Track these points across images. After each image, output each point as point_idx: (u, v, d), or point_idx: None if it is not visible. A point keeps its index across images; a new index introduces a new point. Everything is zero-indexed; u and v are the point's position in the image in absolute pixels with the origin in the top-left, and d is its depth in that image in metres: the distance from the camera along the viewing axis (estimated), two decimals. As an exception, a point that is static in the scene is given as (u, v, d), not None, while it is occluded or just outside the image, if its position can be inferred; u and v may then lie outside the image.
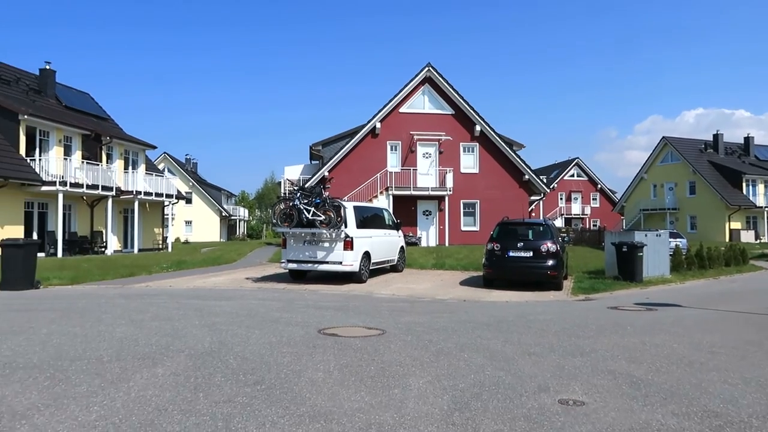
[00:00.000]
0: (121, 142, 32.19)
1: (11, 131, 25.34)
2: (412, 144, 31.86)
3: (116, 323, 7.50)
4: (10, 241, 12.24)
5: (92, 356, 5.58)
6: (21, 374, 4.91)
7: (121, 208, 31.48)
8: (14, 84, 29.98)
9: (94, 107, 36.16)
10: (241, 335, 6.72)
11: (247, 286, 13.35)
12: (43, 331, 6.88)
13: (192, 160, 70.30)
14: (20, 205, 25.05)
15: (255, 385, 4.66)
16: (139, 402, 4.18)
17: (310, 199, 13.66)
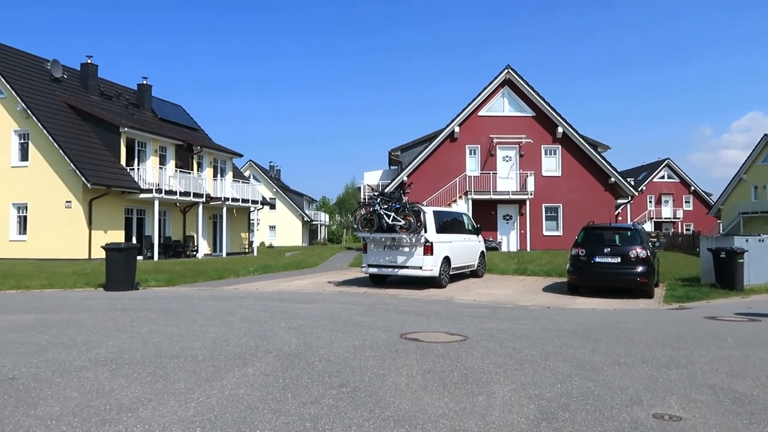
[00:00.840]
0: (211, 151, 33.82)
1: (113, 143, 27.25)
2: (492, 147, 31.42)
3: (209, 324, 7.89)
4: (113, 245, 13.15)
5: (188, 355, 5.90)
6: (126, 370, 5.26)
7: (210, 213, 33.07)
8: (116, 99, 32.23)
9: (186, 119, 38.23)
10: (326, 338, 6.88)
11: (330, 289, 13.64)
12: (144, 330, 7.35)
13: (275, 167, 72.72)
14: (121, 211, 26.88)
15: (340, 387, 4.76)
16: (232, 400, 4.38)
17: (390, 204, 13.79)
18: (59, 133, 25.11)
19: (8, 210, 26.00)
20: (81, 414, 4.03)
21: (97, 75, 31.72)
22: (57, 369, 5.27)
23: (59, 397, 4.42)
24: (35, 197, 25.51)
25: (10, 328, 7.50)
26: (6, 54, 27.56)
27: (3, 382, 4.82)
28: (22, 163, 26.09)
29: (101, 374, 5.10)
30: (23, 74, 27.06)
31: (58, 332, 7.17)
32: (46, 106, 26.21)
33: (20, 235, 25.90)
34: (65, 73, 30.05)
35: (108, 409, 4.14)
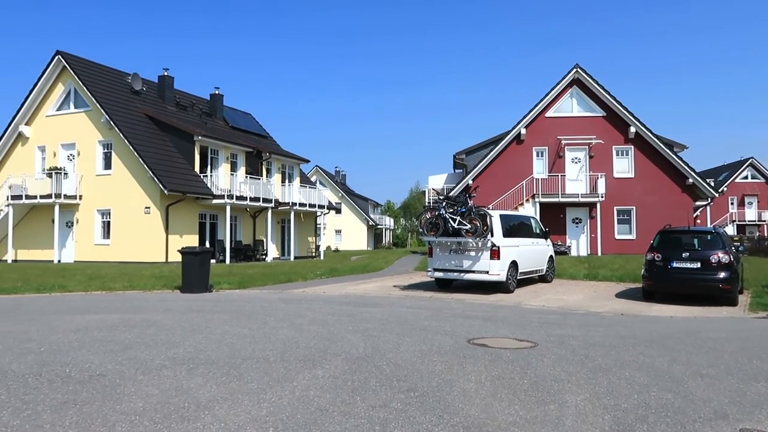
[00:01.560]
0: (279, 157, 34.71)
1: (188, 151, 28.46)
2: (560, 149, 30.64)
3: (279, 326, 8.09)
4: (189, 249, 13.71)
5: (260, 356, 6.06)
6: (202, 369, 5.47)
7: (279, 218, 33.92)
8: (190, 109, 33.67)
9: (255, 126, 39.42)
10: (393, 342, 6.91)
11: (395, 293, 13.69)
12: (218, 331, 7.62)
13: (341, 172, 73.78)
14: (195, 216, 28.01)
15: (408, 391, 4.76)
16: (303, 401, 4.47)
17: (455, 208, 13.70)
18: (139, 142, 26.49)
19: (93, 216, 27.65)
20: (162, 410, 4.22)
21: (173, 86, 33.25)
22: (139, 367, 5.55)
23: (142, 393, 4.65)
24: (117, 203, 27.00)
25: (98, 326, 7.96)
26: (92, 70, 29.36)
27: (92, 378, 5.12)
28: (105, 171, 27.69)
29: (179, 373, 5.33)
30: (107, 88, 28.73)
31: (140, 332, 7.54)
32: (127, 117, 27.72)
33: (104, 240, 27.46)
34: (144, 86, 31.67)
35: (186, 407, 4.31)
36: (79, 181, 27.96)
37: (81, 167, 28.17)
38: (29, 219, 29.01)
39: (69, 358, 5.92)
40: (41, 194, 27.32)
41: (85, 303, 11.26)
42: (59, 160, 28.63)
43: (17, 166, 29.56)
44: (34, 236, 28.69)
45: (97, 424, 3.93)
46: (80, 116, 28.43)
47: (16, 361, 5.78)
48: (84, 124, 28.23)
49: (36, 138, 29.59)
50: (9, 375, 5.20)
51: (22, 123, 29.60)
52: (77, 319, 8.75)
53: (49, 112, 29.33)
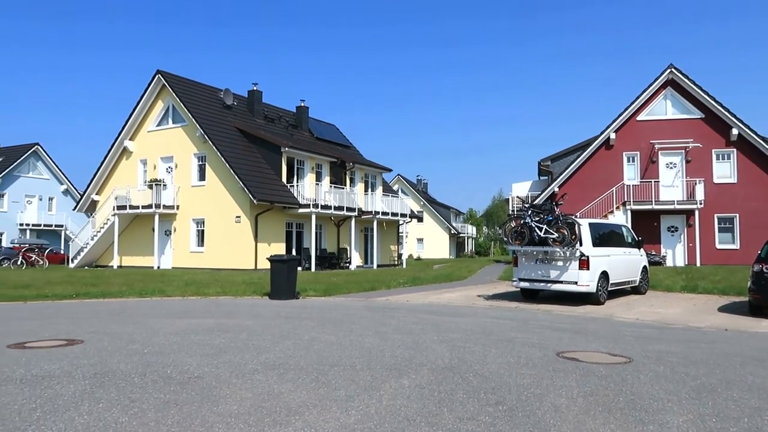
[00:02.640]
0: (362, 166, 35.25)
1: (275, 162, 29.52)
2: (653, 154, 29.15)
3: (364, 334, 8.18)
4: (277, 257, 14.18)
5: (347, 363, 6.16)
6: (292, 375, 5.63)
7: (362, 227, 34.41)
8: (277, 121, 34.92)
9: (339, 137, 40.30)
10: (479, 353, 6.80)
11: (480, 303, 13.49)
12: (306, 338, 7.81)
13: (423, 180, 73.87)
14: (282, 225, 28.96)
15: (496, 405, 4.67)
16: (390, 411, 4.49)
17: (541, 216, 13.34)
18: (230, 154, 27.77)
19: (189, 225, 29.24)
20: (255, 414, 4.38)
21: (262, 100, 34.64)
22: (233, 370, 5.78)
23: (236, 396, 4.84)
24: (211, 213, 28.41)
25: (194, 330, 8.39)
26: (188, 87, 31.16)
27: (190, 379, 5.40)
28: (200, 182, 29.24)
29: (271, 378, 5.50)
30: (201, 104, 30.38)
31: (233, 336, 7.87)
32: (219, 131, 29.16)
33: (199, 247, 28.96)
34: (235, 100, 33.21)
35: (278, 411, 4.45)
36: (176, 192, 29.68)
37: (178, 179, 29.90)
38: (132, 228, 31.10)
39: (170, 359, 6.28)
40: (143, 204, 29.23)
41: (182, 307, 11.90)
42: (159, 173, 30.53)
43: (122, 179, 31.82)
44: (136, 244, 30.73)
45: (196, 424, 4.13)
46: (177, 131, 30.23)
47: (124, 361, 6.19)
48: (181, 138, 29.98)
49: (139, 152, 31.73)
50: (118, 374, 5.58)
51: (126, 138, 31.85)
52: (176, 323, 9.26)
53: (150, 128, 31.38)
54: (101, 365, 5.98)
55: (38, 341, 7.48)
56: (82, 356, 6.46)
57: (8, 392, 4.93)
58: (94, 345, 7.18)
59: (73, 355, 6.55)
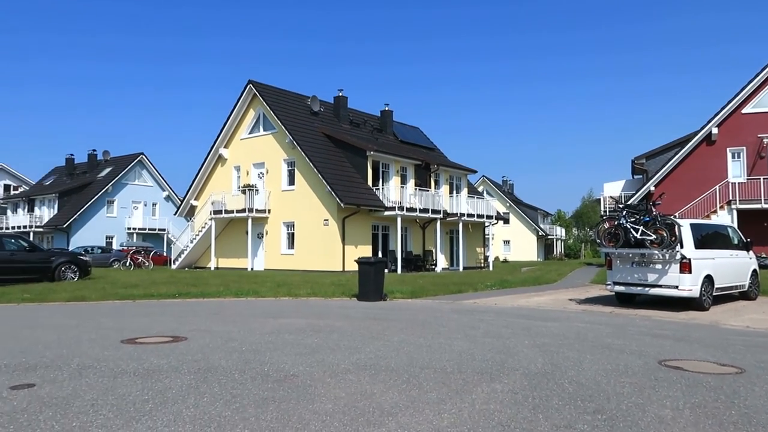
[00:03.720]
0: (446, 168, 35.11)
1: (361, 166, 30.00)
2: (762, 149, 27.03)
3: (453, 337, 8.13)
4: (364, 260, 14.39)
5: (437, 366, 6.15)
6: (383, 376, 5.69)
7: (447, 229, 34.24)
8: (362, 126, 35.49)
9: (423, 139, 40.35)
10: (573, 359, 6.58)
11: (571, 307, 13.05)
12: (395, 339, 7.88)
13: (508, 181, 72.48)
14: (368, 227, 29.37)
15: (595, 413, 4.49)
16: (483, 415, 4.43)
17: (637, 217, 12.71)
18: (318, 159, 28.54)
19: (280, 228, 30.31)
20: (349, 413, 4.46)
21: (347, 106, 35.34)
22: (327, 370, 5.93)
23: (330, 395, 4.96)
24: (300, 216, 29.31)
25: (288, 330, 8.68)
26: (277, 95, 32.36)
27: (286, 377, 5.59)
28: (289, 187, 30.25)
29: (363, 378, 5.59)
30: (290, 111, 31.44)
31: (325, 336, 8.07)
32: (307, 137, 30.05)
33: (289, 250, 29.96)
34: (321, 107, 34.10)
35: (371, 411, 4.51)
36: (267, 197, 30.88)
37: (269, 184, 31.09)
38: (228, 231, 32.66)
39: (266, 358, 6.53)
40: (237, 209, 30.63)
41: (275, 308, 12.35)
42: (251, 178, 31.88)
43: (218, 185, 33.50)
44: (231, 246, 32.23)
45: (293, 420, 4.27)
46: (268, 138, 31.44)
47: (224, 358, 6.51)
48: (272, 144, 31.16)
49: (232, 159, 33.30)
50: (219, 370, 5.88)
51: (221, 146, 33.52)
52: (270, 323, 9.62)
53: (243, 136, 32.84)
54: (204, 361, 6.32)
55: (147, 337, 8.02)
56: (187, 352, 6.85)
57: (124, 384, 5.31)
58: (197, 342, 7.60)
59: (179, 351, 6.96)
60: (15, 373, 5.78)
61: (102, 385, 5.29)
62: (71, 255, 22.78)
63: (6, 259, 19.05)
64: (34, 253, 20.13)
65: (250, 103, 32.49)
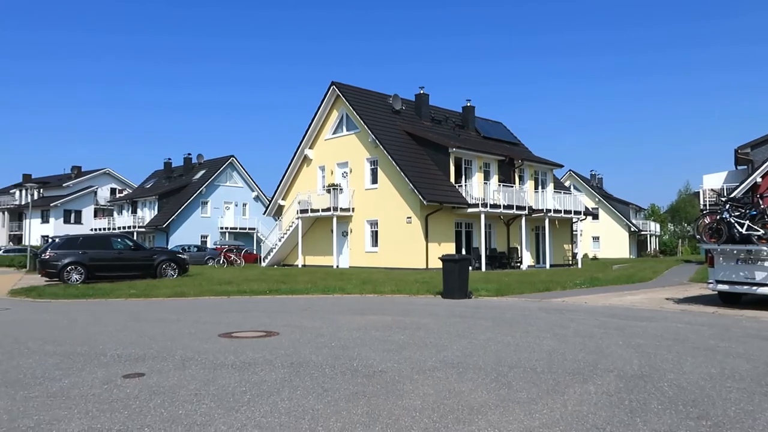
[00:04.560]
0: (531, 163, 34.26)
1: (443, 162, 29.88)
2: None
3: (542, 336, 7.95)
4: (448, 257, 14.32)
5: (526, 365, 6.03)
6: (471, 374, 5.66)
7: (532, 225, 33.43)
8: (444, 123, 35.32)
9: (506, 134, 39.60)
10: (672, 361, 6.25)
11: (669, 307, 12.37)
12: (482, 337, 7.80)
13: (597, 175, 69.67)
14: (451, 225, 29.22)
15: (699, 419, 4.25)
16: (576, 417, 4.30)
17: (742, 210, 11.84)
18: (400, 157, 28.71)
19: (364, 226, 30.77)
20: (438, 410, 4.48)
21: (428, 103, 35.29)
22: (414, 366, 5.97)
23: (419, 392, 4.99)
24: (383, 214, 29.62)
25: (374, 326, 8.81)
26: (360, 95, 32.84)
27: (375, 373, 5.69)
28: (372, 185, 30.64)
29: (450, 375, 5.59)
30: (372, 110, 31.82)
31: (411, 333, 8.13)
32: (389, 135, 30.29)
33: (373, 247, 30.35)
34: (403, 105, 34.25)
35: (460, 409, 4.50)
36: (351, 196, 31.43)
37: (353, 183, 31.63)
38: (313, 229, 33.55)
39: (355, 353, 6.67)
40: (322, 208, 31.40)
41: (361, 305, 12.56)
42: (335, 178, 32.57)
43: (304, 185, 34.49)
44: (317, 244, 33.09)
45: (383, 416, 4.34)
46: (351, 138, 31.99)
47: (315, 353, 6.71)
48: (354, 144, 31.68)
49: (317, 159, 34.16)
50: (311, 365, 6.06)
51: (306, 147, 34.47)
52: (357, 319, 9.80)
53: (327, 136, 33.61)
54: (296, 356, 6.55)
55: (242, 332, 8.41)
56: (279, 347, 7.12)
57: (222, 376, 5.61)
58: (288, 337, 7.88)
59: (272, 345, 7.25)
60: (126, 363, 6.24)
61: (203, 376, 5.61)
62: (171, 253, 24.25)
63: (114, 257, 20.58)
64: (138, 252, 21.61)
65: (333, 104, 33.18)
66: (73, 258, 19.51)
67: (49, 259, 19.66)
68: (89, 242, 20.80)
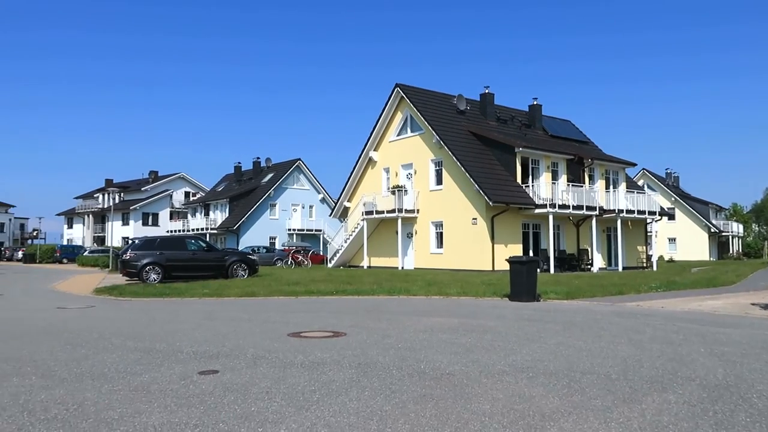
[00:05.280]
0: (602, 162, 33.14)
1: (509, 163, 29.36)
2: None
3: (616, 341, 7.64)
4: (516, 259, 14.04)
5: (600, 372, 5.81)
6: (542, 379, 5.51)
7: (604, 226, 32.31)
8: (510, 122, 34.72)
9: (575, 133, 38.49)
10: (761, 371, 5.86)
11: (755, 313, 11.62)
12: (552, 342, 7.59)
13: (673, 173, 66.61)
14: (518, 226, 28.66)
15: (793, 434, 3.95)
16: (656, 427, 4.10)
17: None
18: (465, 158, 28.43)
19: (428, 227, 30.68)
20: (508, 415, 4.38)
21: (494, 103, 34.78)
22: (482, 370, 5.88)
23: (488, 396, 4.91)
24: (448, 216, 29.42)
25: (440, 329, 8.75)
26: (423, 96, 32.78)
27: (442, 376, 5.64)
28: (437, 187, 30.49)
29: (520, 380, 5.46)
30: (436, 111, 31.68)
31: (478, 336, 8.02)
32: (454, 136, 30.06)
33: (438, 249, 30.20)
34: (468, 105, 33.91)
35: (531, 415, 4.39)
36: (416, 197, 31.40)
37: (417, 184, 31.60)
38: (378, 231, 33.74)
39: (422, 355, 6.64)
40: (387, 209, 31.53)
41: (426, 306, 12.52)
42: (400, 179, 32.63)
43: (369, 187, 34.75)
44: (382, 246, 33.26)
45: (452, 419, 4.29)
46: (415, 139, 31.97)
47: (382, 354, 6.73)
48: (419, 145, 31.64)
49: (382, 161, 34.34)
50: (378, 366, 6.08)
51: (371, 149, 34.73)
52: (423, 321, 9.77)
53: (391, 138, 33.73)
54: (363, 356, 6.59)
55: (310, 332, 8.55)
56: (347, 347, 7.19)
57: (292, 375, 5.71)
58: (355, 337, 7.95)
59: (339, 345, 7.33)
60: (201, 360, 6.48)
61: (274, 374, 5.74)
62: (241, 254, 25.03)
63: (189, 258, 21.44)
64: (211, 253, 22.43)
65: (397, 105, 33.27)
66: (152, 258, 20.46)
67: (129, 260, 20.72)
68: (166, 243, 21.77)
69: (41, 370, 6.09)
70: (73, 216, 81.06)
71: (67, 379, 5.64)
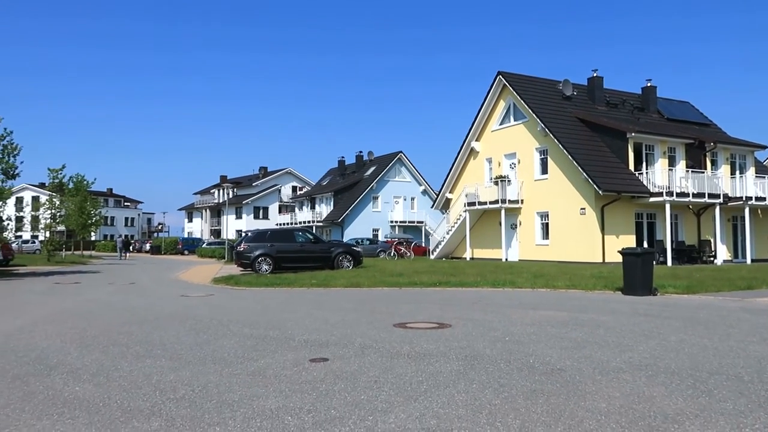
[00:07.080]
0: (726, 146, 30.57)
1: (620, 149, 27.83)
2: None
3: (747, 340, 7.02)
4: (629, 250, 13.29)
5: (730, 372, 5.36)
6: (662, 378, 5.17)
7: (729, 215, 29.82)
8: (620, 106, 32.88)
9: (695, 115, 35.80)
10: None
11: None
12: (672, 339, 7.11)
13: (811, 156, 59.89)
14: (631, 216, 27.14)
15: None
16: (799, 435, 3.72)
17: None
18: (572, 145, 27.28)
19: (533, 218, 29.82)
20: (626, 415, 4.15)
21: (602, 87, 33.05)
22: (596, 366, 5.62)
23: (603, 394, 4.68)
24: (554, 206, 28.42)
25: (549, 322, 8.48)
26: (527, 83, 31.80)
27: (553, 371, 5.45)
28: (542, 176, 29.53)
29: (638, 378, 5.16)
30: (541, 98, 30.64)
31: (589, 331, 7.68)
32: (560, 123, 28.93)
33: (543, 240, 29.29)
34: (575, 90, 32.48)
35: (652, 416, 4.13)
36: (520, 187, 30.61)
37: (521, 174, 30.78)
38: (481, 222, 33.28)
39: (530, 349, 6.46)
40: (490, 200, 31.01)
41: (533, 299, 12.18)
42: (503, 169, 31.95)
43: (471, 177, 34.34)
44: (485, 237, 32.79)
45: (565, 416, 4.14)
46: (519, 128, 31.12)
47: (488, 347, 6.63)
48: (522, 134, 30.78)
49: (484, 151, 33.78)
50: (485, 359, 6.00)
51: (473, 140, 34.26)
52: (530, 314, 9.51)
53: (494, 127, 33.07)
54: (469, 349, 6.52)
55: (415, 323, 8.60)
56: (453, 339, 7.15)
57: (399, 365, 5.77)
58: (461, 329, 7.89)
59: (445, 337, 7.31)
60: (312, 348, 6.71)
61: (381, 364, 5.83)
62: (346, 246, 25.69)
63: (297, 249, 22.33)
64: (317, 244, 23.21)
65: (500, 94, 32.53)
66: (263, 250, 21.53)
67: (243, 251, 21.93)
68: (276, 236, 22.83)
69: (169, 352, 6.59)
70: (192, 210, 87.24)
71: (192, 362, 6.06)
